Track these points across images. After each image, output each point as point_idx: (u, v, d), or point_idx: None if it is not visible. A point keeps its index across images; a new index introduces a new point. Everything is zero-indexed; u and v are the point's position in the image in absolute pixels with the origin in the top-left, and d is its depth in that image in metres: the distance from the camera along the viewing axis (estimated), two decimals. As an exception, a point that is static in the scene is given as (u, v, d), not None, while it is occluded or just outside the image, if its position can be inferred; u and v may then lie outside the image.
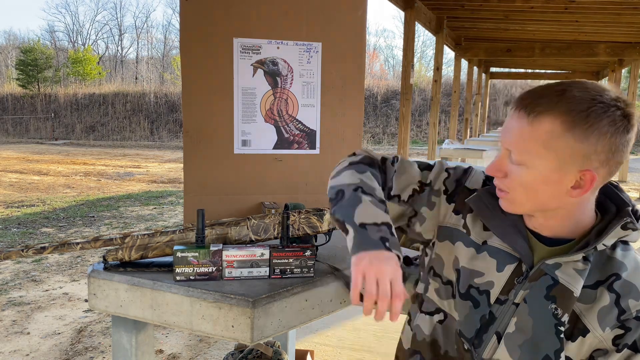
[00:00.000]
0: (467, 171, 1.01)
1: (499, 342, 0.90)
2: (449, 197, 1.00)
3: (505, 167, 0.85)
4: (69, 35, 45.46)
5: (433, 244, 1.02)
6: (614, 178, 0.87)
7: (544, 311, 0.86)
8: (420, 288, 1.06)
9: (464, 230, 0.97)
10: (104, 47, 45.81)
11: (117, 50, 44.92)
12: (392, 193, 1.01)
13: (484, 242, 0.94)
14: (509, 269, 0.90)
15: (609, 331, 0.83)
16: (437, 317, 1.01)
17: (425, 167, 1.04)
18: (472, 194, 0.97)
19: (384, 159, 1.05)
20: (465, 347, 0.95)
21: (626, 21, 7.44)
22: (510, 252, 0.91)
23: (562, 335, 0.85)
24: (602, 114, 0.77)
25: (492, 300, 0.91)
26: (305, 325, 1.21)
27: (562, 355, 0.85)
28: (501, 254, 0.92)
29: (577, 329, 0.85)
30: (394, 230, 0.88)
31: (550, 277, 0.86)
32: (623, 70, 11.48)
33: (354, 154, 1.06)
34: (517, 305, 0.89)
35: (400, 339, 1.12)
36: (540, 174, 0.81)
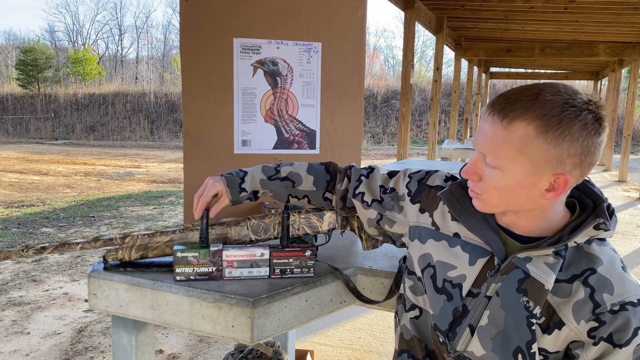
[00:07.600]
0: (429, 172, 1.09)
1: (472, 334, 0.92)
2: (413, 197, 1.07)
3: (480, 170, 0.87)
4: (69, 35, 45.55)
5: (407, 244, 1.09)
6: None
7: (516, 304, 0.87)
8: (402, 288, 1.10)
9: (433, 228, 1.01)
10: (104, 47, 45.96)
11: (117, 50, 44.99)
12: (356, 191, 1.15)
13: (456, 235, 0.97)
14: (481, 262, 0.92)
15: (583, 324, 0.84)
16: (412, 313, 1.05)
17: (392, 175, 1.14)
18: (438, 190, 1.02)
19: (351, 166, 1.20)
20: (440, 340, 0.97)
21: (626, 21, 7.45)
22: (482, 245, 0.93)
23: (533, 327, 0.86)
24: (574, 118, 0.79)
25: (464, 293, 0.93)
26: (305, 325, 1.21)
27: (534, 346, 0.86)
28: (473, 247, 0.94)
29: (553, 322, 0.86)
30: (243, 171, 1.20)
31: (521, 271, 0.87)
32: (623, 70, 11.48)
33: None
34: (489, 298, 0.90)
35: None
36: (515, 178, 0.83)
